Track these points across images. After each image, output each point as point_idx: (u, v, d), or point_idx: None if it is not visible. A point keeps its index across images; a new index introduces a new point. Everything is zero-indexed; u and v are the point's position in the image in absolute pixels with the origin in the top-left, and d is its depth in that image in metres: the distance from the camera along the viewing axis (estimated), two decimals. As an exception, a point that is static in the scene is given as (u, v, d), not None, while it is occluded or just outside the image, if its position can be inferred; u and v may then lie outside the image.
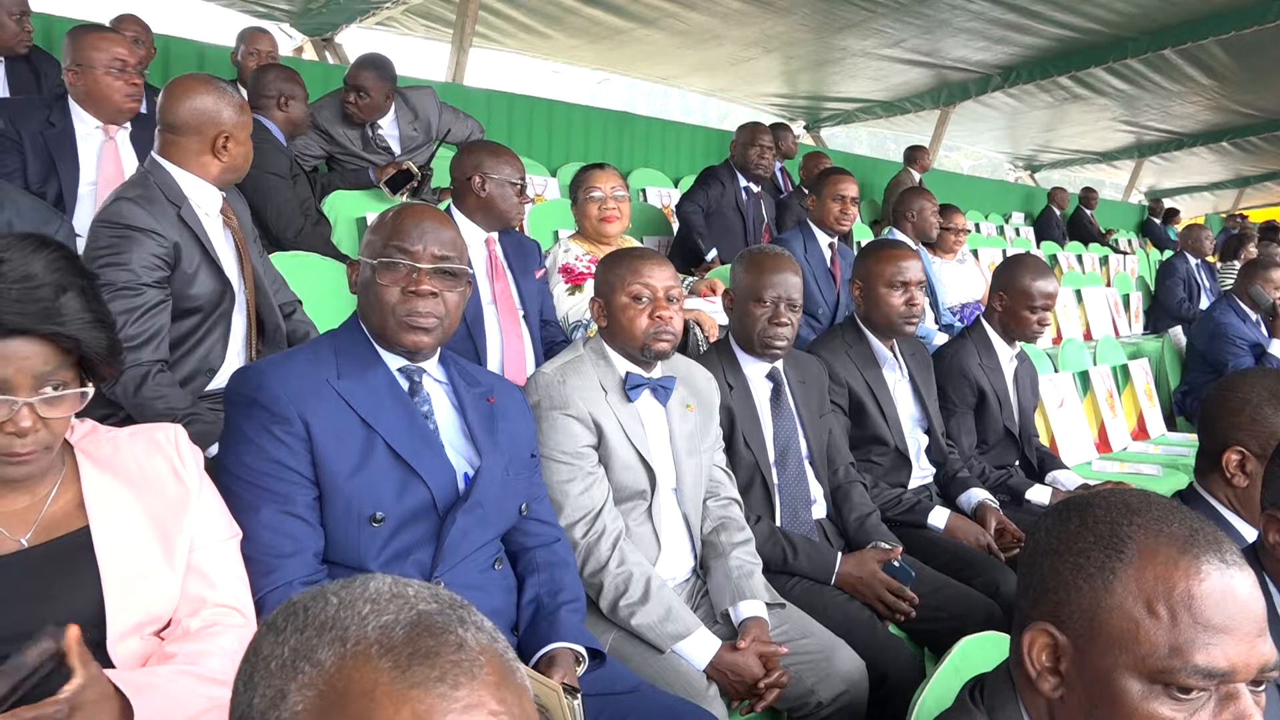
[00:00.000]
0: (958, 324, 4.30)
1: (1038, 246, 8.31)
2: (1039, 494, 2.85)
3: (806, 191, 5.37)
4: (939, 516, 2.54)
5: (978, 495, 2.68)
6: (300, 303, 2.55)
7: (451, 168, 2.80)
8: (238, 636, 1.29)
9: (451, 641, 0.62)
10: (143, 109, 3.19)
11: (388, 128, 3.96)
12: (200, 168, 2.18)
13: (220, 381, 2.20)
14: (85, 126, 2.76)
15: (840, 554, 2.20)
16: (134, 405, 1.97)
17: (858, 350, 2.67)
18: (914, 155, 7.56)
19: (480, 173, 2.69)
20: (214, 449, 1.86)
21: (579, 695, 1.44)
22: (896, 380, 2.73)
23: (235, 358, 2.24)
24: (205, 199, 2.20)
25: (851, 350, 2.66)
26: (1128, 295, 6.86)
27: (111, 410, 2.02)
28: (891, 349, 2.73)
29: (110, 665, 1.20)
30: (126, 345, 1.92)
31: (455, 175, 2.76)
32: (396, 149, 3.97)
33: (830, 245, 3.77)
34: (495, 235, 2.79)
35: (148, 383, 1.98)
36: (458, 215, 2.73)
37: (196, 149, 2.17)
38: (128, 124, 2.83)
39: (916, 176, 7.32)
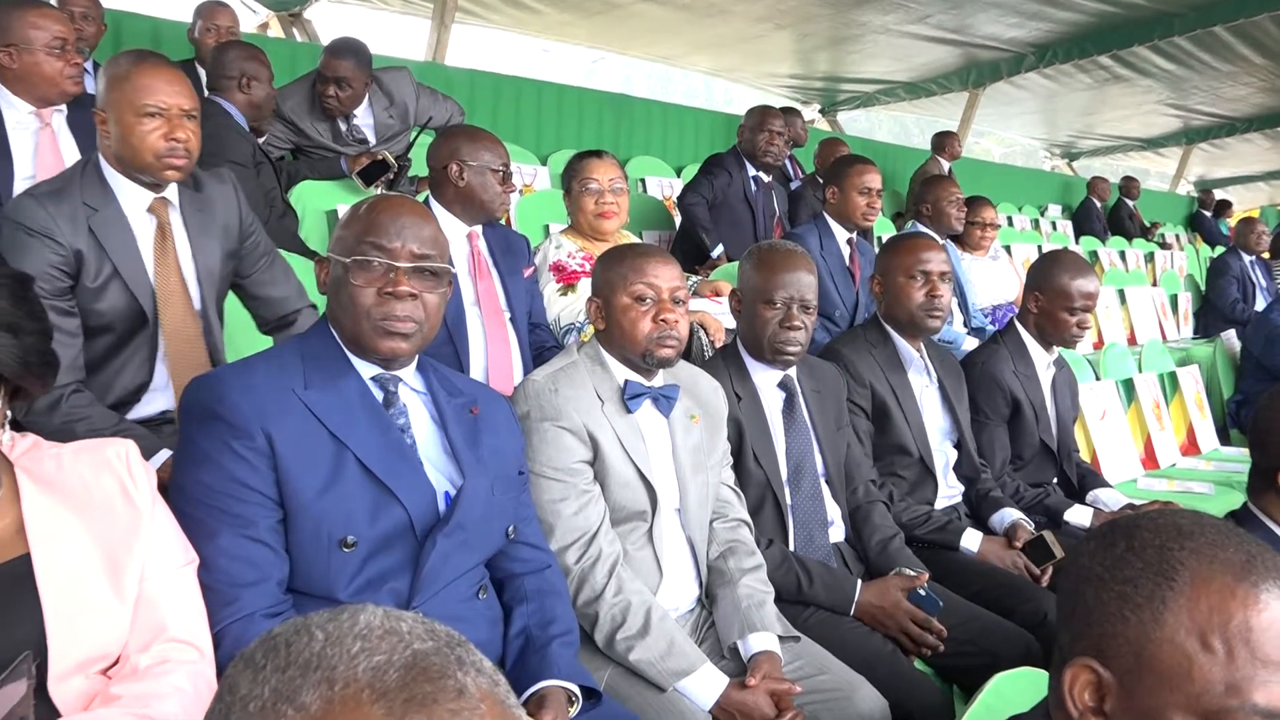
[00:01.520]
0: (989, 327, 4.30)
1: (1076, 242, 8.33)
2: (1079, 515, 2.85)
3: (821, 181, 5.40)
4: (971, 539, 2.54)
5: (1011, 515, 2.67)
6: (312, 307, 2.44)
7: (428, 156, 2.80)
8: (192, 674, 1.29)
9: (450, 687, 0.61)
10: (90, 89, 3.19)
11: (362, 116, 3.96)
12: (107, 155, 2.07)
13: (150, 408, 2.16)
14: (16, 113, 2.73)
15: (860, 581, 2.20)
16: (54, 433, 1.91)
17: (882, 351, 2.69)
18: (942, 142, 7.57)
19: (457, 160, 2.69)
20: (153, 461, 1.86)
21: (572, 739, 1.44)
22: (924, 386, 2.74)
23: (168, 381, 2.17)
24: (131, 198, 2.09)
25: (875, 350, 2.68)
26: (1175, 295, 6.87)
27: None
28: (919, 351, 2.73)
29: (52, 708, 1.20)
30: None
31: (431, 164, 2.76)
32: (372, 139, 3.98)
33: (849, 241, 3.77)
34: (479, 229, 2.79)
35: (61, 406, 1.92)
36: (436, 208, 2.73)
37: (101, 134, 2.06)
38: (63, 107, 2.82)
39: (945, 165, 7.34)
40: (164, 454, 1.96)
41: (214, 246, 2.25)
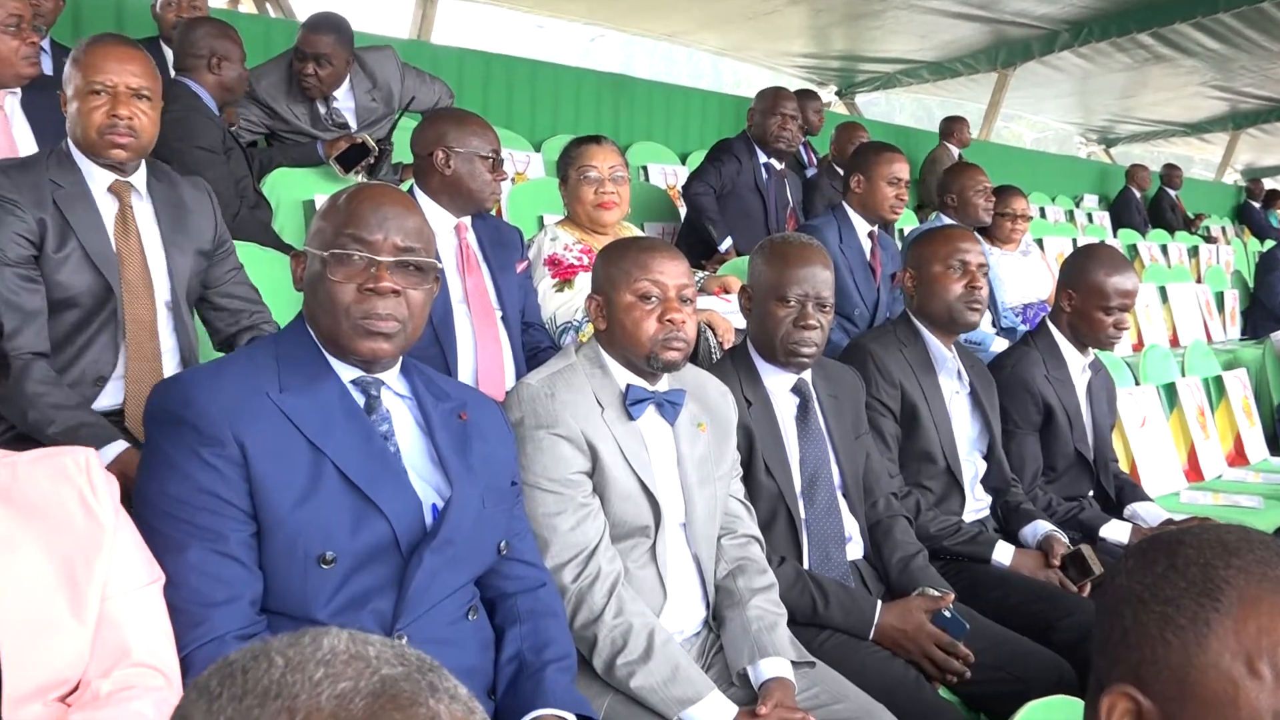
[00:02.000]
0: (1020, 327, 4.30)
1: (1114, 235, 8.33)
2: (1116, 531, 2.86)
3: (839, 169, 5.41)
4: (1003, 552, 2.56)
5: (1043, 528, 2.69)
6: (265, 328, 2.54)
7: (412, 142, 2.81)
8: (158, 701, 1.29)
9: (421, 715, 0.61)
10: (47, 70, 3.20)
11: (343, 99, 3.96)
12: (71, 137, 2.22)
13: (108, 399, 2.23)
14: None
15: (880, 602, 2.20)
16: (17, 401, 2.02)
17: (912, 350, 2.70)
18: (950, 127, 7.63)
19: (444, 146, 2.70)
20: (106, 453, 1.97)
21: (568, 772, 1.44)
22: (954, 391, 2.75)
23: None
24: (96, 178, 2.22)
25: (906, 349, 2.69)
26: (1222, 293, 6.87)
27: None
28: (951, 352, 2.74)
29: (7, 736, 1.20)
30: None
31: (416, 150, 2.78)
32: (353, 123, 3.98)
33: (870, 234, 3.77)
34: (467, 221, 2.80)
35: (28, 377, 2.02)
36: (421, 197, 2.74)
37: (65, 116, 2.21)
38: (18, 90, 2.83)
39: (955, 152, 7.37)
40: (118, 445, 2.02)
41: (186, 243, 2.36)
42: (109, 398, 2.24)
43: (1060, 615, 2.31)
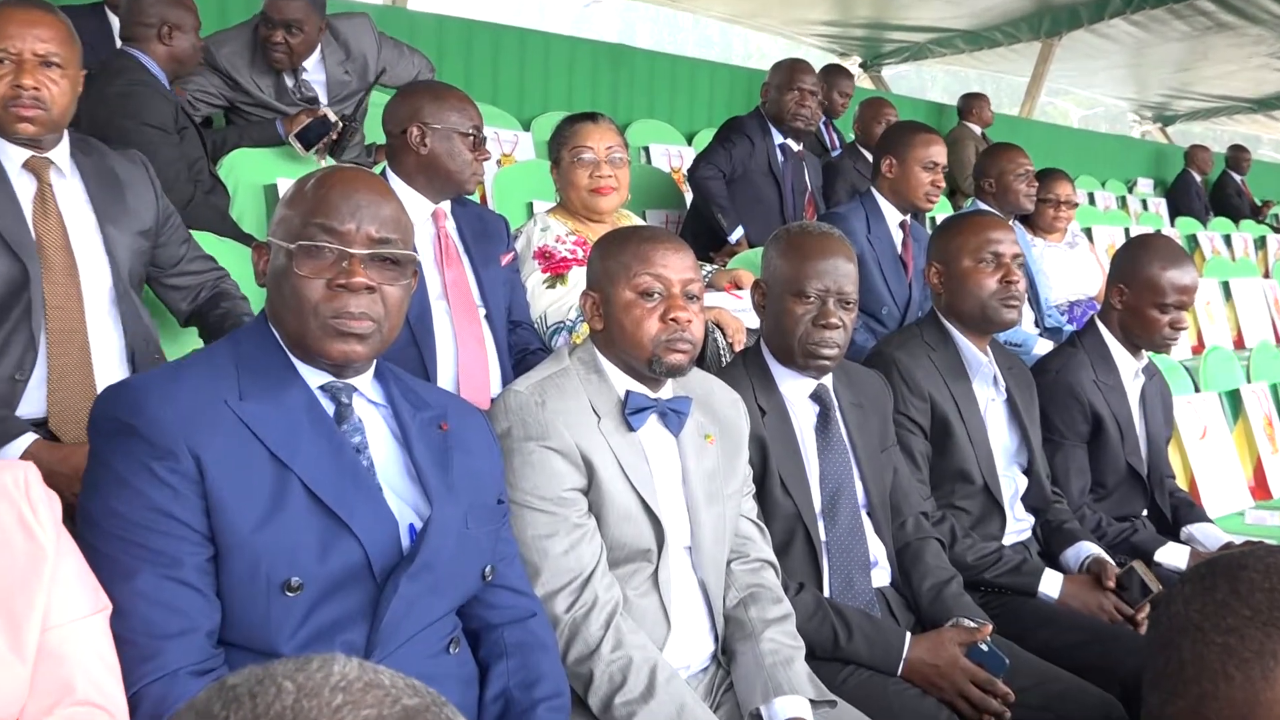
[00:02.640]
0: (1066, 327, 4.31)
1: (1171, 224, 8.34)
2: (1172, 554, 2.86)
3: (863, 151, 5.41)
4: (1051, 583, 2.55)
5: (1087, 549, 2.69)
6: (225, 287, 2.57)
7: (385, 118, 2.81)
8: (103, 743, 1.29)
9: None
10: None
11: (313, 70, 3.97)
12: None
13: (27, 406, 2.23)
14: None
15: (909, 634, 2.21)
16: None
17: (942, 354, 2.69)
18: (970, 105, 7.64)
19: (419, 122, 2.71)
20: (11, 449, 1.99)
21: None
22: (990, 399, 2.75)
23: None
24: (10, 155, 2.24)
25: (935, 354, 2.68)
26: (1292, 289, 6.88)
27: None
28: (986, 355, 2.74)
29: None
30: None
31: (389, 128, 2.78)
32: (323, 97, 3.98)
33: (901, 224, 3.78)
34: (446, 207, 2.80)
35: None
36: (395, 181, 2.74)
37: None
38: None
39: (978, 131, 7.38)
40: (24, 440, 2.03)
41: (125, 220, 2.38)
42: (31, 404, 2.23)
43: (1120, 655, 2.31)
